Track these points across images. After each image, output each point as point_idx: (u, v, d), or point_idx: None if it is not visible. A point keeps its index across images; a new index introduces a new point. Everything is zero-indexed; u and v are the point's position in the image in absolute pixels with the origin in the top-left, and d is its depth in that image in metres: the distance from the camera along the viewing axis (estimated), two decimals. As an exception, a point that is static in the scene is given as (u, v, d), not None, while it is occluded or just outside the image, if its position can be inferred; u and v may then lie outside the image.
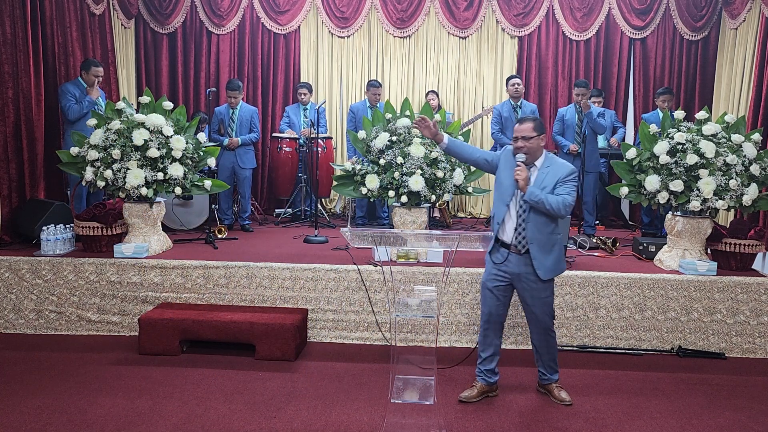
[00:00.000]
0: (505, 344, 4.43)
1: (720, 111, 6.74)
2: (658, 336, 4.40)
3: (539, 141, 3.35)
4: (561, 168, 3.34)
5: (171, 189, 4.74)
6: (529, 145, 3.32)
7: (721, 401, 3.61)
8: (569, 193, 3.29)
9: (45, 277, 4.51)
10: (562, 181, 3.30)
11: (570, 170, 3.33)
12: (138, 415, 3.26)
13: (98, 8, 6.38)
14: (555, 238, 3.36)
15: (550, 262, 3.34)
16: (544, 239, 3.31)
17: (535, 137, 3.32)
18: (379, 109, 5.17)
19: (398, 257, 4.59)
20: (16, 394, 3.47)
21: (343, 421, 3.25)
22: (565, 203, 3.25)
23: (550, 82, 7.85)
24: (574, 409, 3.46)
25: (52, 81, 5.66)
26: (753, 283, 4.37)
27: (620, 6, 7.61)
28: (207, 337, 4.13)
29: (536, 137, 3.32)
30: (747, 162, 4.45)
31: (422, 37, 7.93)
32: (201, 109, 7.66)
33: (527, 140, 3.32)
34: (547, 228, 3.32)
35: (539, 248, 3.31)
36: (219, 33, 7.74)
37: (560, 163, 3.38)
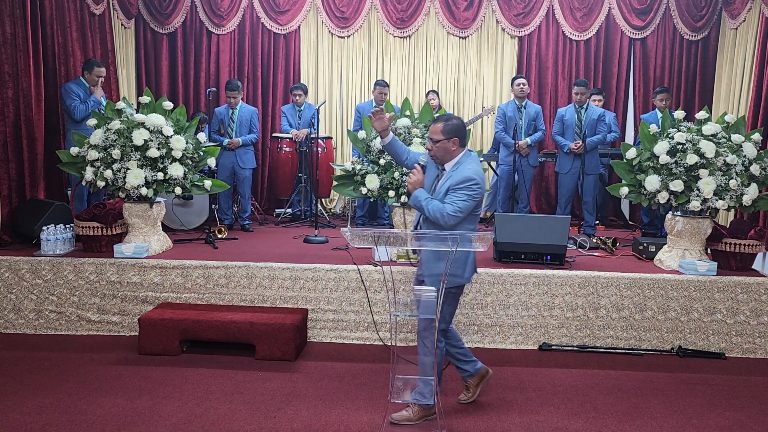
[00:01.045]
0: (505, 344, 4.43)
1: (720, 111, 6.73)
2: (658, 336, 4.40)
3: (448, 144, 3.15)
4: (459, 174, 3.11)
5: (171, 189, 4.74)
6: (435, 147, 3.17)
7: (721, 401, 3.60)
8: (454, 202, 3.06)
9: (45, 277, 4.51)
10: (453, 188, 3.09)
11: (464, 177, 3.08)
12: (138, 415, 3.26)
13: (98, 8, 6.38)
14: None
15: (438, 270, 3.06)
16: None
17: (443, 140, 3.14)
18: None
19: (398, 257, 4.60)
20: (16, 394, 3.47)
21: (343, 421, 3.25)
22: (443, 211, 3.05)
23: (550, 82, 7.85)
24: (574, 409, 3.46)
25: (52, 81, 5.66)
26: (753, 283, 4.37)
27: (620, 6, 7.61)
28: (207, 337, 4.13)
29: (444, 140, 3.14)
30: (747, 162, 4.45)
31: (422, 37, 7.93)
32: (201, 109, 7.67)
33: (434, 142, 3.17)
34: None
35: (432, 255, 3.13)
36: (219, 33, 7.74)
37: (464, 168, 3.13)
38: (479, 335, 4.44)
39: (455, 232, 2.98)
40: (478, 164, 3.22)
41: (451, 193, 3.10)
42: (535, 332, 4.43)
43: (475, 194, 3.09)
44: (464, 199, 3.07)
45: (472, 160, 3.22)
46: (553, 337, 4.43)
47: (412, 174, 3.21)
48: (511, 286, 4.42)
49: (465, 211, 3.08)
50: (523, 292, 4.42)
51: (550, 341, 4.42)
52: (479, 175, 3.13)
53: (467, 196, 3.07)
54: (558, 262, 4.67)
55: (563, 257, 4.68)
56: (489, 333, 4.44)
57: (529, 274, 4.43)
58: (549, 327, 4.42)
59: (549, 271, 4.44)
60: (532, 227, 4.71)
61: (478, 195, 3.11)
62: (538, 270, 4.47)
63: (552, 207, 7.79)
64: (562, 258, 4.67)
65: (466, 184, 3.07)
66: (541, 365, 4.12)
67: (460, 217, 3.08)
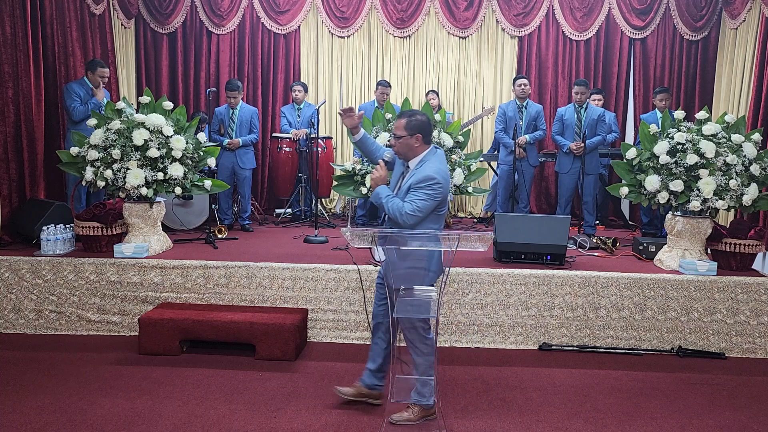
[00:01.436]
0: (505, 344, 4.43)
1: (720, 111, 6.74)
2: (658, 336, 4.40)
3: (411, 140, 3.10)
4: (421, 172, 3.07)
5: (171, 189, 4.74)
6: (398, 143, 3.13)
7: (721, 401, 3.60)
8: (413, 201, 3.01)
9: (45, 277, 4.51)
10: (414, 186, 3.04)
11: (425, 176, 3.02)
12: (138, 415, 3.26)
13: (98, 8, 6.38)
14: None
15: (403, 270, 3.05)
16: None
17: (406, 136, 3.10)
18: (379, 110, 5.17)
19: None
20: (16, 394, 3.47)
21: (343, 421, 3.25)
22: (401, 210, 3.01)
23: (550, 82, 7.85)
24: (574, 409, 3.46)
25: (52, 81, 5.67)
26: (753, 283, 4.37)
27: (620, 6, 7.61)
28: (207, 337, 4.13)
29: (407, 136, 3.09)
30: (747, 162, 4.45)
31: (422, 37, 7.93)
32: (201, 109, 7.67)
33: (397, 138, 3.13)
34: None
35: (395, 254, 3.05)
36: (219, 33, 7.74)
37: (427, 167, 3.09)
38: (479, 335, 4.44)
39: (416, 231, 2.97)
40: (443, 163, 3.17)
41: (411, 191, 3.05)
42: (535, 332, 4.43)
43: (435, 194, 3.03)
44: (424, 198, 3.02)
45: (437, 159, 3.16)
46: (553, 337, 4.43)
47: (375, 170, 3.18)
48: (511, 286, 4.42)
49: (424, 210, 3.04)
50: (523, 292, 4.42)
51: (550, 341, 4.42)
52: (441, 174, 3.07)
53: (427, 196, 3.02)
54: (558, 262, 4.67)
55: (563, 257, 4.68)
56: (489, 333, 4.44)
57: (529, 274, 4.43)
58: (549, 327, 4.42)
59: (549, 271, 4.44)
60: (532, 227, 4.71)
61: (439, 195, 3.05)
62: (538, 270, 4.47)
63: (552, 207, 7.79)
64: (562, 258, 4.67)
65: (426, 183, 3.02)
66: (541, 365, 4.12)
67: (419, 216, 3.03)
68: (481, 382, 3.80)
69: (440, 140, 4.79)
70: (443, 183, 3.06)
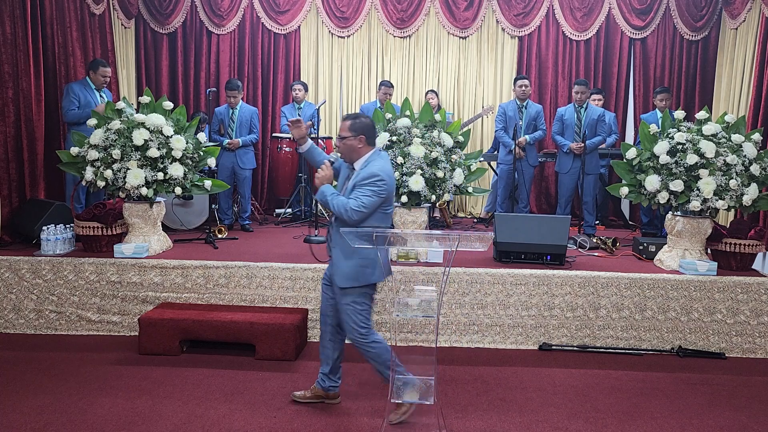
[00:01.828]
0: (505, 344, 4.43)
1: (720, 111, 6.74)
2: (658, 336, 4.40)
3: (354, 141, 3.16)
4: (365, 171, 3.12)
5: (171, 189, 4.74)
6: (342, 144, 3.19)
7: (721, 401, 3.61)
8: (358, 197, 3.06)
9: (45, 277, 4.51)
10: (359, 184, 3.09)
11: (369, 173, 3.08)
12: (138, 415, 3.26)
13: (98, 8, 6.38)
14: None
15: (348, 268, 3.12)
16: (344, 243, 3.04)
17: (350, 137, 3.15)
18: (379, 110, 5.17)
19: (398, 257, 4.60)
20: (16, 394, 3.47)
21: (343, 421, 3.25)
22: (346, 206, 3.05)
23: (550, 82, 7.85)
24: (574, 409, 3.46)
25: (52, 81, 5.67)
26: (753, 283, 4.37)
27: (620, 6, 7.61)
28: (207, 337, 4.13)
29: (351, 137, 3.15)
30: (747, 162, 4.45)
31: (422, 37, 7.93)
32: (201, 109, 7.66)
33: (341, 139, 3.18)
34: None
35: (340, 252, 3.15)
36: (219, 33, 7.74)
37: (371, 166, 3.13)
38: (479, 335, 4.44)
39: (364, 228, 3.00)
40: (387, 162, 3.22)
41: (356, 188, 3.10)
42: (535, 332, 4.43)
43: (380, 190, 3.08)
44: (368, 194, 3.07)
45: (382, 159, 3.21)
46: (553, 337, 4.43)
47: (321, 170, 3.22)
48: (511, 286, 4.42)
49: (369, 206, 3.07)
50: (523, 292, 4.42)
51: (550, 341, 4.42)
52: (385, 171, 3.12)
53: (372, 192, 3.07)
54: (558, 262, 4.67)
55: (563, 257, 4.68)
56: (489, 333, 4.44)
57: (529, 274, 4.43)
58: (549, 327, 4.42)
59: (549, 271, 4.44)
60: (532, 227, 4.71)
61: (384, 191, 3.10)
62: (538, 270, 4.47)
63: (552, 207, 7.79)
64: (562, 258, 4.67)
65: (370, 179, 3.07)
66: (541, 365, 4.12)
67: (364, 212, 3.07)
68: (481, 382, 3.81)
69: (440, 140, 4.79)
70: (387, 180, 3.11)
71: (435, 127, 4.92)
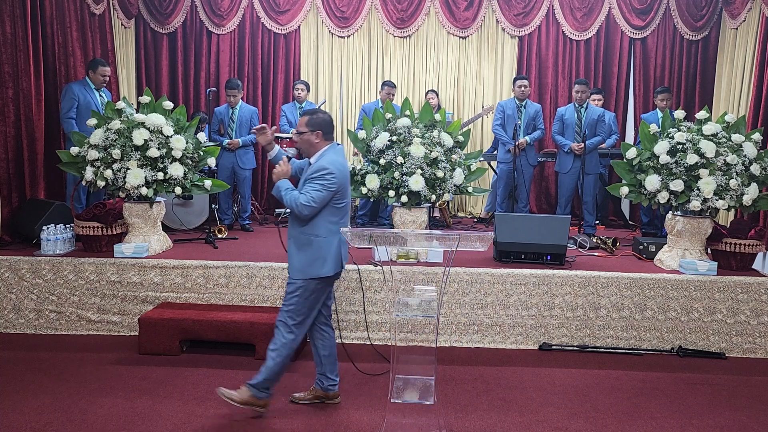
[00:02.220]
0: (505, 344, 4.43)
1: (720, 111, 6.74)
2: (658, 336, 4.40)
3: (311, 136, 3.22)
4: (316, 164, 3.18)
5: (171, 189, 4.74)
6: (300, 139, 3.26)
7: (721, 401, 3.60)
8: (307, 192, 3.11)
9: (45, 277, 4.51)
10: (309, 178, 3.15)
11: (318, 167, 3.13)
12: (138, 415, 3.26)
13: (98, 8, 6.38)
14: (308, 239, 3.18)
15: (299, 261, 3.19)
16: (298, 236, 3.21)
17: (307, 132, 3.22)
18: (380, 110, 5.17)
19: (398, 257, 4.59)
20: (16, 394, 3.47)
21: (343, 421, 3.25)
22: (297, 201, 3.11)
23: (550, 82, 7.85)
24: (574, 409, 3.46)
25: (52, 81, 5.67)
26: (753, 283, 4.37)
27: (620, 6, 7.60)
28: (207, 337, 4.13)
29: (308, 132, 3.22)
30: (747, 162, 4.45)
31: (422, 36, 7.93)
32: (201, 109, 7.66)
33: (299, 134, 3.25)
34: (299, 225, 3.21)
35: (294, 245, 3.23)
36: (219, 33, 7.74)
37: (322, 159, 3.19)
38: (479, 335, 4.44)
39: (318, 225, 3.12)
40: (339, 156, 3.26)
41: (306, 183, 3.15)
42: (535, 332, 4.43)
43: (329, 184, 3.11)
44: (317, 188, 3.10)
45: (335, 152, 3.25)
46: (553, 337, 4.43)
47: (279, 165, 3.28)
48: (511, 286, 4.42)
49: (319, 201, 3.11)
50: (523, 292, 4.42)
51: (550, 341, 4.42)
52: (335, 165, 3.15)
53: (321, 186, 3.10)
54: (558, 262, 4.67)
55: (563, 257, 4.68)
56: (489, 333, 4.44)
57: (529, 274, 4.43)
58: (549, 327, 4.42)
59: (549, 271, 4.44)
60: (532, 227, 4.71)
61: (333, 185, 3.12)
62: (538, 270, 4.47)
63: (552, 207, 7.79)
64: (562, 258, 4.67)
65: (319, 173, 3.12)
66: (541, 365, 4.12)
67: (314, 207, 3.11)
68: (481, 382, 3.80)
69: (440, 140, 4.79)
70: (337, 174, 3.13)
71: (435, 127, 4.92)
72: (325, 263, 3.19)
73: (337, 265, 3.25)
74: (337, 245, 3.23)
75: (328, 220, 3.19)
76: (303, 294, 3.20)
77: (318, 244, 3.18)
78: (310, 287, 3.20)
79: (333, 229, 3.21)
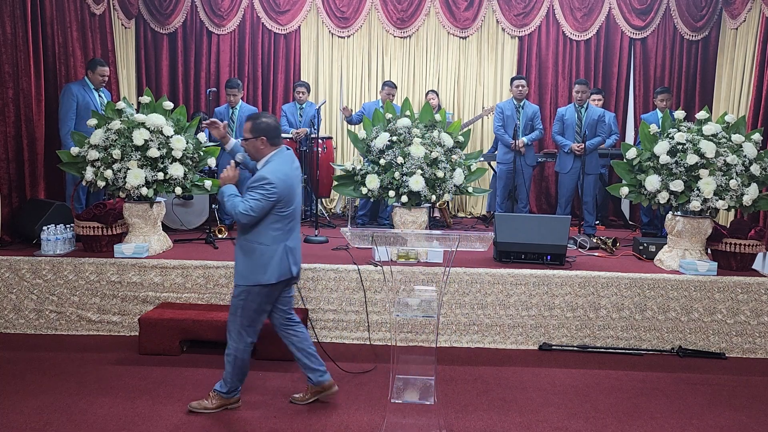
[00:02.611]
0: (505, 344, 4.43)
1: (720, 111, 6.73)
2: (658, 336, 4.40)
3: (256, 143, 3.21)
4: (258, 173, 3.17)
5: (171, 189, 4.73)
6: (246, 146, 3.24)
7: (721, 401, 3.61)
8: (246, 200, 3.10)
9: (45, 277, 4.51)
10: (250, 186, 3.14)
11: (259, 177, 3.13)
12: (138, 415, 3.26)
13: (98, 8, 6.38)
14: (251, 246, 3.18)
15: (243, 267, 3.20)
16: (243, 242, 3.21)
17: (251, 138, 3.20)
18: (380, 110, 5.17)
19: (398, 257, 4.59)
20: (16, 394, 3.47)
21: (343, 421, 3.25)
22: (236, 209, 3.09)
23: (550, 82, 7.85)
24: (574, 409, 3.46)
25: (52, 81, 5.67)
26: (753, 283, 4.37)
27: (620, 6, 7.60)
28: (207, 337, 4.13)
29: (252, 138, 3.20)
30: (747, 162, 4.45)
31: (422, 37, 7.93)
32: (201, 109, 7.67)
33: (244, 141, 3.23)
34: (242, 232, 3.21)
35: (239, 250, 3.23)
36: (219, 33, 7.74)
37: (264, 169, 3.19)
38: (479, 335, 4.44)
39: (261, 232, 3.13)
40: (284, 164, 3.23)
41: (247, 191, 3.14)
42: (535, 332, 4.43)
43: (268, 194, 3.09)
44: (257, 198, 3.09)
45: (280, 160, 3.22)
46: (553, 337, 4.43)
47: (226, 170, 3.28)
48: (511, 286, 4.42)
49: (257, 210, 3.09)
50: (523, 292, 4.42)
51: (550, 341, 4.42)
52: (276, 174, 3.13)
53: (260, 195, 3.09)
54: (558, 262, 4.67)
55: (563, 257, 4.68)
56: (489, 333, 4.44)
57: (529, 274, 4.43)
58: (549, 327, 4.42)
59: (549, 271, 4.44)
60: (533, 227, 4.71)
61: (273, 195, 3.10)
62: (538, 270, 4.47)
63: (552, 207, 7.79)
64: (562, 258, 4.67)
65: (259, 183, 3.11)
66: (541, 365, 4.12)
67: (251, 216, 3.10)
68: (481, 382, 3.81)
69: (440, 140, 4.79)
70: (277, 183, 3.11)
71: (435, 127, 4.92)
72: (267, 271, 3.18)
73: (282, 272, 3.22)
74: (282, 253, 3.20)
75: (272, 228, 3.18)
76: (247, 299, 3.21)
77: (261, 252, 3.17)
78: (253, 292, 3.21)
79: (277, 236, 3.20)
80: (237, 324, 3.25)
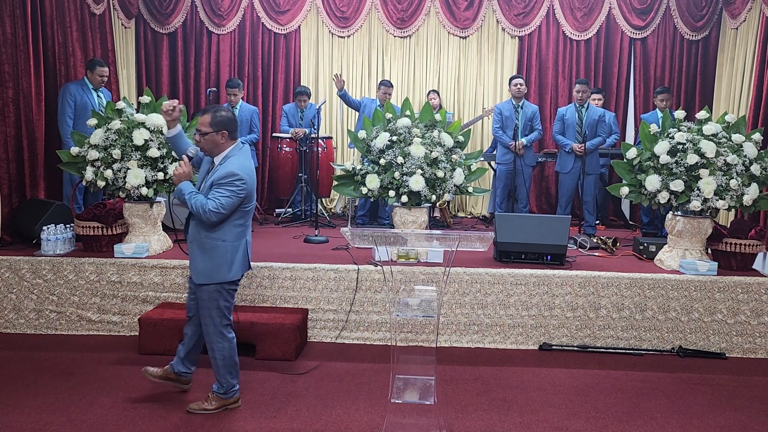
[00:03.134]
0: (505, 344, 4.43)
1: (720, 111, 6.73)
2: (658, 336, 4.40)
3: (216, 137, 3.11)
4: (223, 169, 3.09)
5: (171, 189, 4.73)
6: (204, 140, 3.13)
7: (721, 401, 3.60)
8: (216, 198, 3.03)
9: (45, 277, 4.51)
10: (216, 183, 3.06)
11: (227, 173, 3.05)
12: (138, 415, 3.26)
13: (98, 8, 6.37)
14: (214, 243, 3.12)
15: (204, 265, 3.14)
16: (202, 240, 3.13)
17: (211, 132, 3.10)
18: (379, 110, 5.17)
19: (398, 257, 4.59)
20: (16, 394, 3.47)
21: (343, 421, 3.25)
22: (205, 207, 3.02)
23: (550, 82, 7.85)
24: (574, 409, 3.46)
25: (52, 81, 5.66)
26: (753, 283, 4.37)
27: (620, 6, 7.60)
28: (207, 337, 4.12)
29: (212, 132, 3.10)
30: (747, 162, 4.45)
31: (422, 36, 7.93)
32: (201, 109, 7.66)
33: (201, 134, 3.12)
34: (204, 230, 3.13)
35: (197, 248, 3.16)
36: (219, 33, 7.74)
37: (230, 163, 3.11)
38: (479, 335, 4.44)
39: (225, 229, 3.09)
40: (247, 159, 3.20)
41: (214, 188, 3.07)
42: (536, 332, 4.43)
43: (238, 190, 3.06)
44: (227, 195, 3.05)
45: (242, 155, 3.18)
46: (553, 337, 4.43)
47: (179, 166, 3.18)
48: (511, 286, 4.42)
49: (228, 207, 3.06)
50: (524, 292, 4.42)
51: (550, 341, 4.42)
52: (244, 170, 3.10)
53: (230, 192, 3.05)
54: (558, 262, 4.67)
55: (563, 257, 4.68)
56: (489, 333, 4.44)
57: (529, 274, 4.43)
58: (549, 327, 4.42)
59: (549, 271, 4.44)
60: (533, 227, 4.71)
61: (242, 191, 3.08)
62: (539, 270, 4.47)
63: (552, 207, 7.79)
64: (562, 258, 4.67)
65: (228, 179, 3.05)
66: (541, 365, 4.12)
67: (222, 213, 3.06)
68: (481, 382, 3.80)
69: (440, 140, 4.79)
70: (246, 179, 3.09)
71: (435, 127, 4.92)
72: (232, 268, 3.18)
73: (245, 267, 3.25)
74: (243, 248, 3.21)
75: (234, 224, 3.15)
76: (219, 298, 3.19)
77: (224, 249, 3.14)
78: (223, 290, 3.20)
79: (239, 232, 3.19)
80: (216, 325, 3.23)
